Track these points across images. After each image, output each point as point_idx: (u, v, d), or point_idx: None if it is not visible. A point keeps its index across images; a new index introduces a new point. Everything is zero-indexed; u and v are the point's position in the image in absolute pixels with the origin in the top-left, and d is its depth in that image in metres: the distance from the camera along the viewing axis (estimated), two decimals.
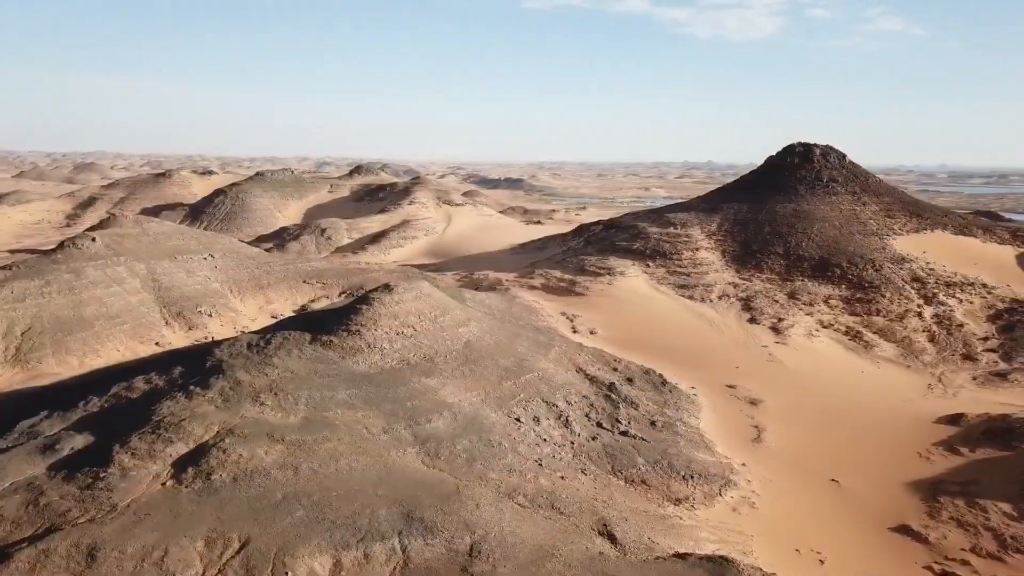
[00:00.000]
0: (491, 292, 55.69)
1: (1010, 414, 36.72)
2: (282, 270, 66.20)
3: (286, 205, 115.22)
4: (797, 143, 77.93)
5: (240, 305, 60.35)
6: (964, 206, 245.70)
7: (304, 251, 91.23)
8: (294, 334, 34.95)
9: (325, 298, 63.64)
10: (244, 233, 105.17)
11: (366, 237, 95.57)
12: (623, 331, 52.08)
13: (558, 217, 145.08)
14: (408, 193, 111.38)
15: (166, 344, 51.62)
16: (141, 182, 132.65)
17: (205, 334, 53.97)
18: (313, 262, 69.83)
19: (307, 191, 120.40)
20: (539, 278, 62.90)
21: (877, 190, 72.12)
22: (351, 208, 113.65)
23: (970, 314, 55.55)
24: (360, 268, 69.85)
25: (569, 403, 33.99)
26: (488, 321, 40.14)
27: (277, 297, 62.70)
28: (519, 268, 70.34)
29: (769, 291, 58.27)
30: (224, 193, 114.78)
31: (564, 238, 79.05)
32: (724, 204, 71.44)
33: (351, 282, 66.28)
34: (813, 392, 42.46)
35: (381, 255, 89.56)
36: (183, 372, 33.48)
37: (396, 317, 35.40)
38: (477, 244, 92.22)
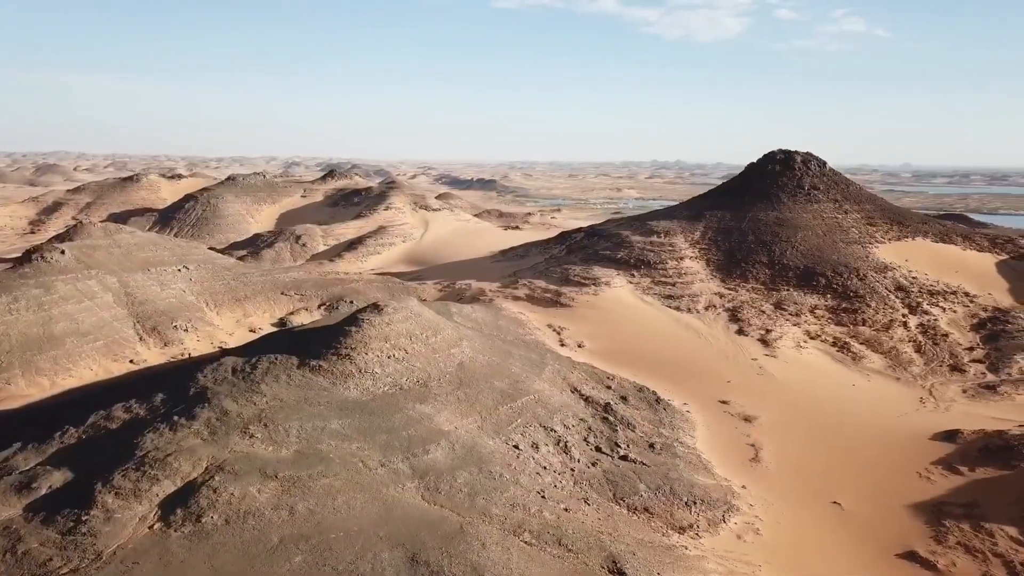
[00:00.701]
0: (476, 305, 54.67)
1: (1006, 431, 36.61)
2: (259, 281, 64.56)
3: (259, 210, 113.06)
4: (778, 150, 77.89)
5: (217, 319, 58.67)
6: (929, 206, 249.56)
7: (279, 259, 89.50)
8: (281, 358, 33.68)
9: (304, 310, 62.22)
10: (216, 239, 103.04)
11: (342, 244, 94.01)
12: (611, 344, 51.41)
13: (534, 221, 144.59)
14: (384, 198, 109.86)
15: (141, 361, 49.90)
16: (108, 186, 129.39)
17: (181, 350, 52.33)
18: (291, 272, 68.26)
19: (280, 196, 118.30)
20: (523, 288, 62.01)
21: (858, 197, 72.33)
22: (326, 213, 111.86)
23: (954, 323, 55.74)
24: (339, 278, 68.40)
25: (567, 427, 33.16)
26: (480, 340, 39.16)
27: (255, 310, 61.07)
28: (501, 277, 69.39)
29: (755, 301, 57.99)
30: (195, 198, 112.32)
31: (546, 245, 78.24)
32: (707, 212, 71.12)
33: (330, 293, 64.86)
34: (806, 408, 42.09)
35: (358, 262, 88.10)
36: (165, 399, 32.06)
37: (387, 339, 34.29)
38: (456, 250, 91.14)
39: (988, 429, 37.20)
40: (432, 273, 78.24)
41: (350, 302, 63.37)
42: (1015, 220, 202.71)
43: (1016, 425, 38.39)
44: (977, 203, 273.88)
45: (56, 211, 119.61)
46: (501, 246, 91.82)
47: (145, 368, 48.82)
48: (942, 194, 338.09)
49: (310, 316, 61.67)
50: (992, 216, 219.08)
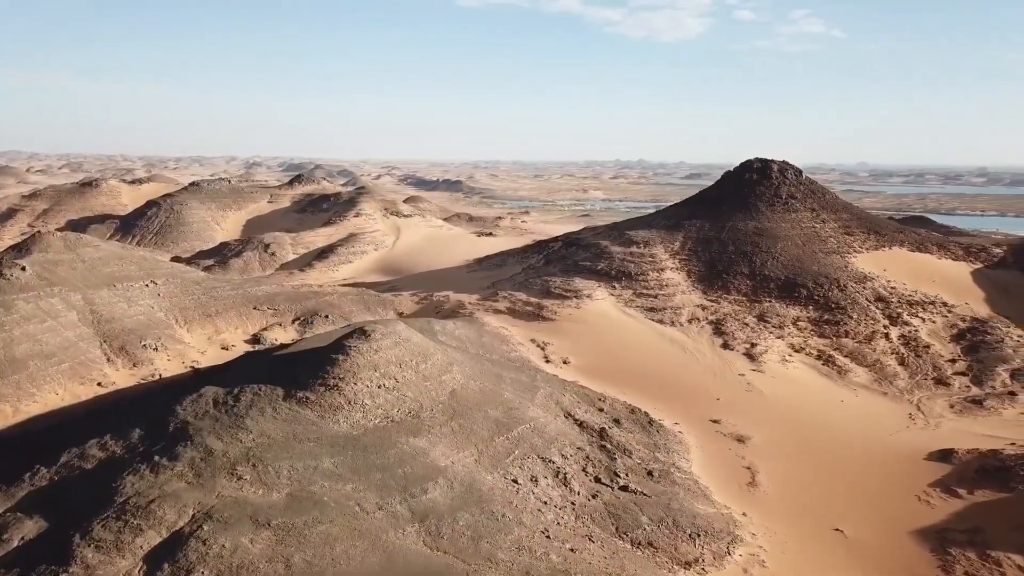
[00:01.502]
0: (459, 321, 53.41)
1: (1000, 450, 36.54)
2: (230, 296, 62.51)
3: (224, 217, 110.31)
4: (754, 159, 77.89)
5: (187, 336, 56.61)
6: (889, 207, 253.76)
7: (247, 268, 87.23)
8: (265, 389, 32.17)
9: (278, 325, 60.39)
10: (180, 247, 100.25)
11: (312, 252, 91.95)
12: (597, 360, 50.61)
13: (505, 225, 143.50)
14: (353, 204, 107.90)
15: (109, 384, 47.80)
16: (66, 192, 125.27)
17: (151, 371, 50.31)
18: (263, 286, 66.27)
19: (246, 201, 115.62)
20: (504, 301, 60.91)
21: (834, 206, 72.59)
22: (293, 220, 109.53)
23: (934, 334, 55.97)
24: (313, 292, 66.63)
25: (565, 457, 32.19)
26: (470, 364, 38.00)
27: (226, 326, 59.07)
28: (479, 288, 68.21)
29: (738, 313, 57.66)
30: (157, 205, 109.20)
31: (523, 254, 77.28)
32: (685, 221, 70.73)
33: (304, 307, 63.09)
34: (797, 426, 41.68)
35: (329, 272, 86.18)
36: (143, 435, 30.38)
37: (376, 368, 32.98)
38: (429, 259, 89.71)
39: (982, 448, 37.09)
40: (407, 283, 76.73)
41: (325, 316, 61.85)
42: (973, 220, 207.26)
43: (1008, 443, 38.36)
44: (935, 203, 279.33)
45: (11, 218, 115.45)
46: (475, 254, 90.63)
47: (115, 392, 46.79)
48: (900, 194, 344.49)
49: (284, 332, 59.94)
50: (950, 217, 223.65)
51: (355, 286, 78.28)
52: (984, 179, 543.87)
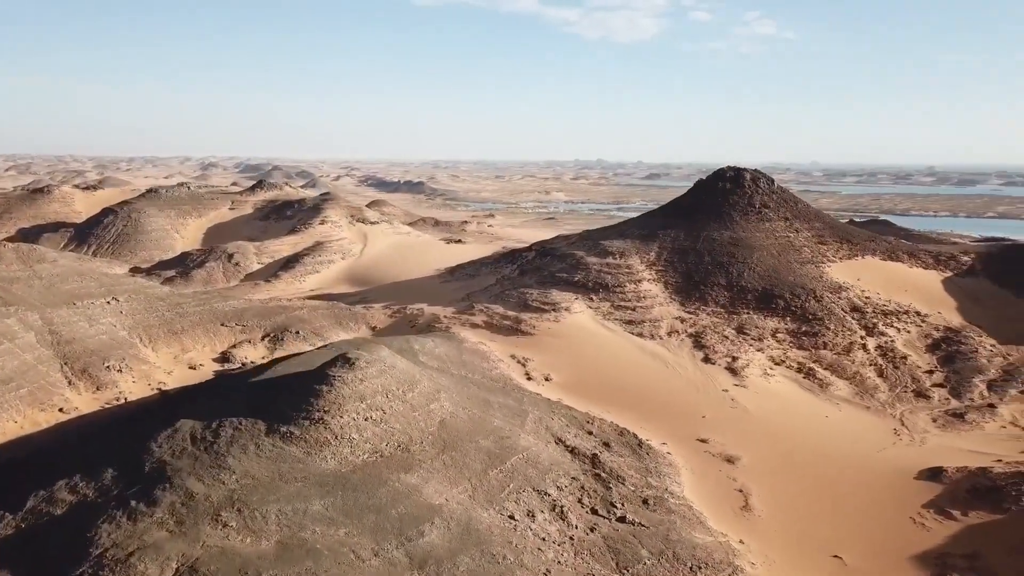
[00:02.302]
0: (437, 338, 52.15)
1: (989, 469, 36.57)
2: (197, 312, 60.34)
3: (184, 225, 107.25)
4: (727, 167, 77.96)
5: (152, 355, 54.42)
6: (846, 207, 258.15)
7: (211, 280, 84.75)
8: (246, 423, 30.64)
9: (247, 342, 58.44)
10: (139, 257, 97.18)
11: (278, 262, 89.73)
12: (579, 376, 49.79)
13: (471, 229, 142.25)
14: (319, 211, 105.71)
15: (71, 409, 45.59)
16: (16, 199, 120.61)
17: (116, 394, 48.18)
18: (231, 301, 64.16)
19: (206, 208, 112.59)
20: (480, 315, 59.79)
21: (807, 215, 72.92)
22: (257, 228, 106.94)
23: (910, 344, 56.34)
24: (282, 306, 64.72)
25: (560, 488, 31.24)
26: (456, 389, 36.85)
27: (193, 344, 56.97)
28: (453, 300, 67.00)
29: (717, 326, 57.38)
30: (114, 212, 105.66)
31: (496, 264, 76.21)
32: (660, 231, 70.33)
33: (274, 323, 61.21)
34: (785, 445, 41.33)
35: (296, 283, 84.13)
36: (116, 476, 28.67)
37: (362, 399, 31.65)
38: (399, 268, 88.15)
39: (971, 467, 37.07)
40: (378, 295, 75.15)
41: (296, 332, 60.11)
42: (927, 221, 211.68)
43: (995, 460, 38.48)
44: (889, 204, 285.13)
45: None
46: (445, 262, 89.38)
47: (78, 418, 44.67)
48: (855, 194, 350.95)
49: (254, 349, 58.04)
50: (904, 217, 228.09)
51: (324, 298, 76.48)
52: (933, 179, 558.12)
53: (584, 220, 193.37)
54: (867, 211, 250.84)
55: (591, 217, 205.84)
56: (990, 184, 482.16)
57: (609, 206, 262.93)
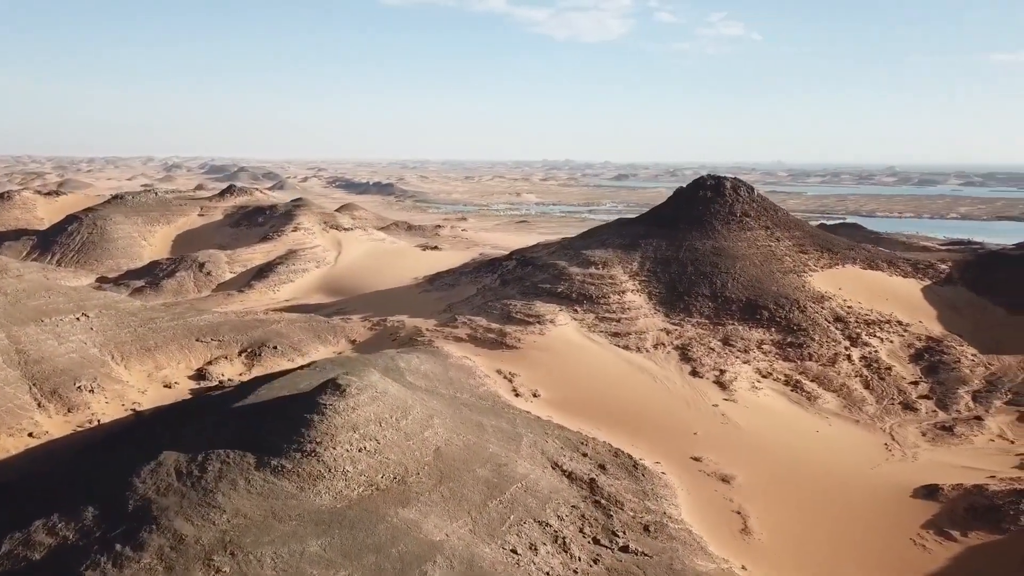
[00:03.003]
0: (421, 353, 50.98)
1: (985, 486, 36.52)
2: (170, 327, 58.51)
3: (152, 232, 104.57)
4: (707, 175, 77.86)
5: (125, 374, 52.57)
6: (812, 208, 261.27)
7: (181, 290, 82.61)
8: (234, 456, 29.35)
9: (224, 358, 56.76)
10: (106, 266, 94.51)
11: (250, 271, 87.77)
12: (567, 391, 49.04)
13: (445, 234, 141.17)
14: (291, 218, 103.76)
15: (42, 434, 43.73)
16: None
17: (88, 416, 46.38)
18: (205, 315, 62.34)
19: (175, 215, 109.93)
20: (464, 328, 58.78)
21: (787, 224, 73.01)
22: (227, 235, 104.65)
23: (893, 355, 56.52)
24: (259, 319, 63.07)
25: (561, 518, 30.42)
26: (449, 414, 35.85)
27: (168, 361, 55.18)
28: (434, 311, 65.88)
29: (703, 337, 57.02)
30: (78, 219, 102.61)
31: (475, 273, 75.16)
32: (641, 240, 69.84)
33: (251, 337, 59.56)
34: (780, 463, 40.98)
35: (270, 292, 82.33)
36: (98, 515, 27.22)
37: (355, 428, 30.52)
38: (375, 276, 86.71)
39: (966, 484, 36.99)
40: (355, 305, 73.76)
41: (274, 347, 58.62)
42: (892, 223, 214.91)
43: (988, 476, 38.49)
44: (855, 205, 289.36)
45: None
46: (422, 270, 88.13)
47: (49, 442, 42.86)
48: (820, 195, 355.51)
49: (231, 365, 56.41)
50: (871, 219, 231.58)
51: (299, 308, 74.97)
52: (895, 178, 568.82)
53: (556, 223, 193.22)
54: (834, 212, 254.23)
55: (563, 220, 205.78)
56: (949, 184, 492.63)
57: (580, 208, 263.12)
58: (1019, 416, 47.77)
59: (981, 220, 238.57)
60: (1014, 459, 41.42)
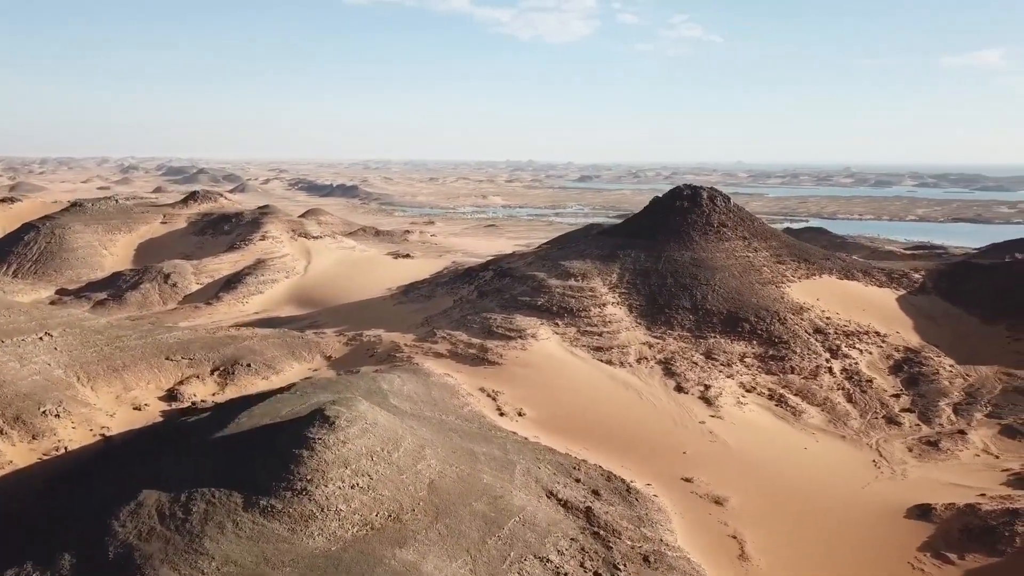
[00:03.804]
0: (402, 372, 49.74)
1: (977, 505, 36.49)
2: (138, 345, 56.44)
3: (113, 241, 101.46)
4: (684, 185, 77.77)
5: (92, 396, 50.46)
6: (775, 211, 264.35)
7: (146, 303, 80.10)
8: (220, 495, 27.94)
9: (196, 378, 54.90)
10: (66, 277, 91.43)
11: (218, 282, 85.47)
12: (552, 410, 48.23)
13: (414, 240, 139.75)
14: (258, 226, 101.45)
15: (5, 463, 41.64)
16: None
17: (55, 443, 44.32)
18: (175, 332, 60.30)
19: (136, 223, 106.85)
20: (443, 343, 57.66)
21: (763, 234, 73.12)
22: (192, 243, 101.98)
23: (873, 366, 56.75)
24: (230, 335, 61.19)
25: (560, 552, 29.54)
26: (440, 442, 34.77)
27: (137, 381, 53.16)
28: (411, 325, 64.66)
29: (685, 351, 56.64)
30: (35, 228, 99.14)
31: (452, 284, 74.00)
32: (620, 251, 69.33)
33: (223, 355, 57.75)
34: (770, 482, 40.61)
35: (239, 305, 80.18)
36: (76, 565, 25.65)
37: (346, 463, 29.30)
38: (346, 286, 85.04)
39: (959, 503, 36.94)
40: (329, 318, 72.12)
41: (247, 365, 56.95)
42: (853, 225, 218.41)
43: (978, 494, 38.53)
44: (816, 207, 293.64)
45: None
46: (395, 279, 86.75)
47: (14, 473, 40.81)
48: (781, 197, 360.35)
49: (203, 385, 54.59)
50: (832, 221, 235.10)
51: (270, 322, 73.18)
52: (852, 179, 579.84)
53: (525, 227, 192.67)
54: (797, 215, 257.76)
55: (531, 223, 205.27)
56: (905, 185, 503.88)
57: (547, 211, 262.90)
58: (1001, 429, 48.14)
59: (938, 222, 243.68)
60: (1001, 475, 41.62)
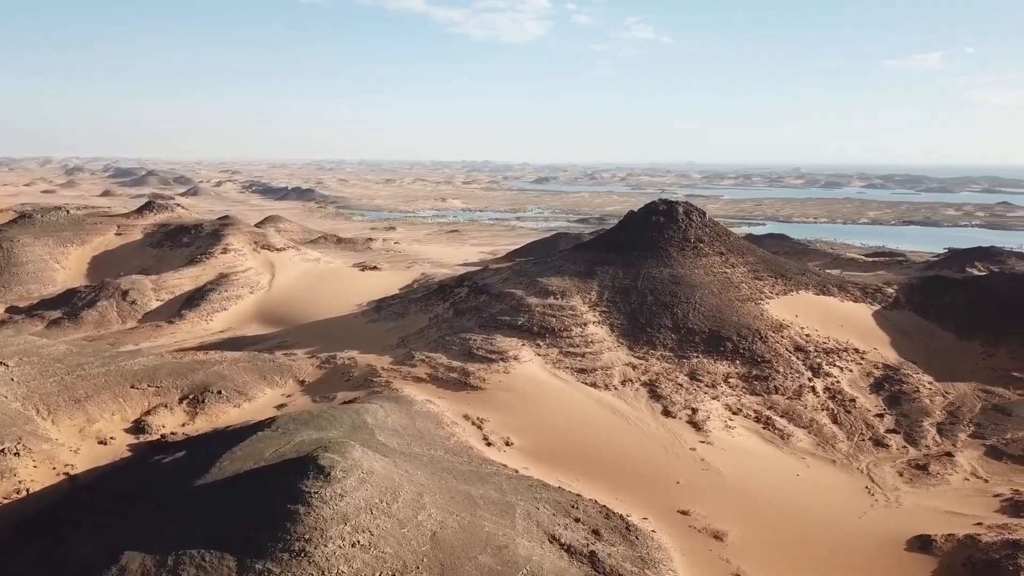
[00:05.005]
0: (383, 402, 47.93)
1: (977, 536, 36.28)
2: (101, 373, 53.69)
3: (65, 254, 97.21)
4: (659, 200, 77.27)
5: (54, 430, 47.71)
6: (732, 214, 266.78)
7: (104, 321, 76.72)
8: (211, 559, 26.09)
9: (163, 407, 52.37)
10: (14, 293, 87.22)
11: (179, 299, 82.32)
12: (540, 439, 47.01)
13: (378, 247, 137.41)
14: (219, 238, 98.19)
15: None
16: None
17: (15, 484, 41.75)
18: (139, 358, 57.58)
19: (89, 235, 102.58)
20: (422, 366, 56.04)
21: (740, 249, 72.92)
22: (149, 256, 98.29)
23: (855, 384, 56.77)
24: (198, 360, 58.64)
25: None
26: (436, 486, 33.25)
27: (100, 412, 50.49)
28: (386, 345, 62.90)
29: (669, 372, 55.96)
30: None
31: (426, 301, 72.24)
32: (597, 268, 68.41)
33: (191, 382, 55.26)
34: (767, 513, 39.97)
35: (203, 323, 77.30)
36: None
37: (346, 520, 27.65)
38: (314, 302, 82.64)
39: (958, 534, 36.70)
40: (298, 337, 69.77)
41: (218, 392, 54.63)
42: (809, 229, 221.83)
43: (975, 523, 38.41)
44: (772, 210, 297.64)
45: None
46: (363, 293, 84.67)
47: None
48: (737, 199, 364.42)
49: (172, 415, 52.10)
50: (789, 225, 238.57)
51: (237, 341, 70.62)
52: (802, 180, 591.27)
53: (488, 232, 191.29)
54: (753, 218, 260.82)
55: (493, 228, 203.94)
56: (853, 186, 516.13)
57: (507, 215, 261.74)
58: (986, 451, 48.36)
59: (890, 224, 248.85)
60: (993, 501, 41.63)
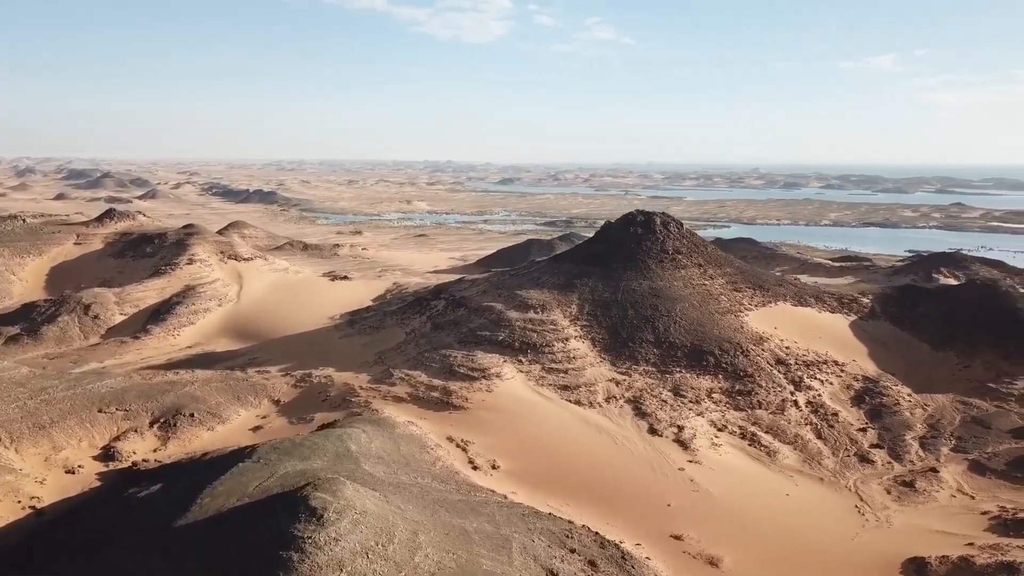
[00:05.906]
0: (366, 425, 46.54)
1: (971, 558, 36.29)
2: (67, 397, 51.54)
3: (22, 266, 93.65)
4: (636, 211, 76.85)
5: (17, 459, 45.58)
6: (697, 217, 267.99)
7: (65, 337, 73.88)
8: None
9: (133, 431, 50.45)
10: None
11: (144, 312, 79.68)
12: (526, 461, 46.15)
13: (345, 254, 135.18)
14: (184, 247, 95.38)
15: None
16: None
17: None
18: (106, 379, 55.43)
19: (47, 245, 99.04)
20: (402, 384, 54.80)
21: (718, 260, 72.82)
22: (111, 267, 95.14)
23: (835, 397, 56.91)
24: (168, 381, 56.65)
25: None
26: (429, 522, 32.14)
27: (67, 439, 48.42)
28: (363, 362, 61.46)
29: (653, 388, 55.48)
30: None
31: (402, 314, 70.81)
32: (577, 280, 67.71)
33: (162, 404, 53.32)
34: (759, 536, 39.62)
35: (170, 338, 74.81)
36: None
37: (341, 566, 26.44)
38: (285, 315, 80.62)
39: (952, 556, 36.67)
40: (270, 353, 67.88)
41: (191, 415, 52.81)
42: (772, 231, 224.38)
43: (966, 543, 38.48)
44: (735, 211, 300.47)
45: None
46: (335, 305, 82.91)
47: None
48: (700, 200, 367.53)
49: (143, 440, 50.15)
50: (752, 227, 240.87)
51: (207, 358, 68.45)
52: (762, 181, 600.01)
53: (455, 235, 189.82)
54: (718, 220, 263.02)
55: (461, 232, 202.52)
56: (812, 187, 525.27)
57: (474, 218, 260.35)
58: (969, 465, 48.70)
59: (851, 226, 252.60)
60: (982, 519, 41.80)
